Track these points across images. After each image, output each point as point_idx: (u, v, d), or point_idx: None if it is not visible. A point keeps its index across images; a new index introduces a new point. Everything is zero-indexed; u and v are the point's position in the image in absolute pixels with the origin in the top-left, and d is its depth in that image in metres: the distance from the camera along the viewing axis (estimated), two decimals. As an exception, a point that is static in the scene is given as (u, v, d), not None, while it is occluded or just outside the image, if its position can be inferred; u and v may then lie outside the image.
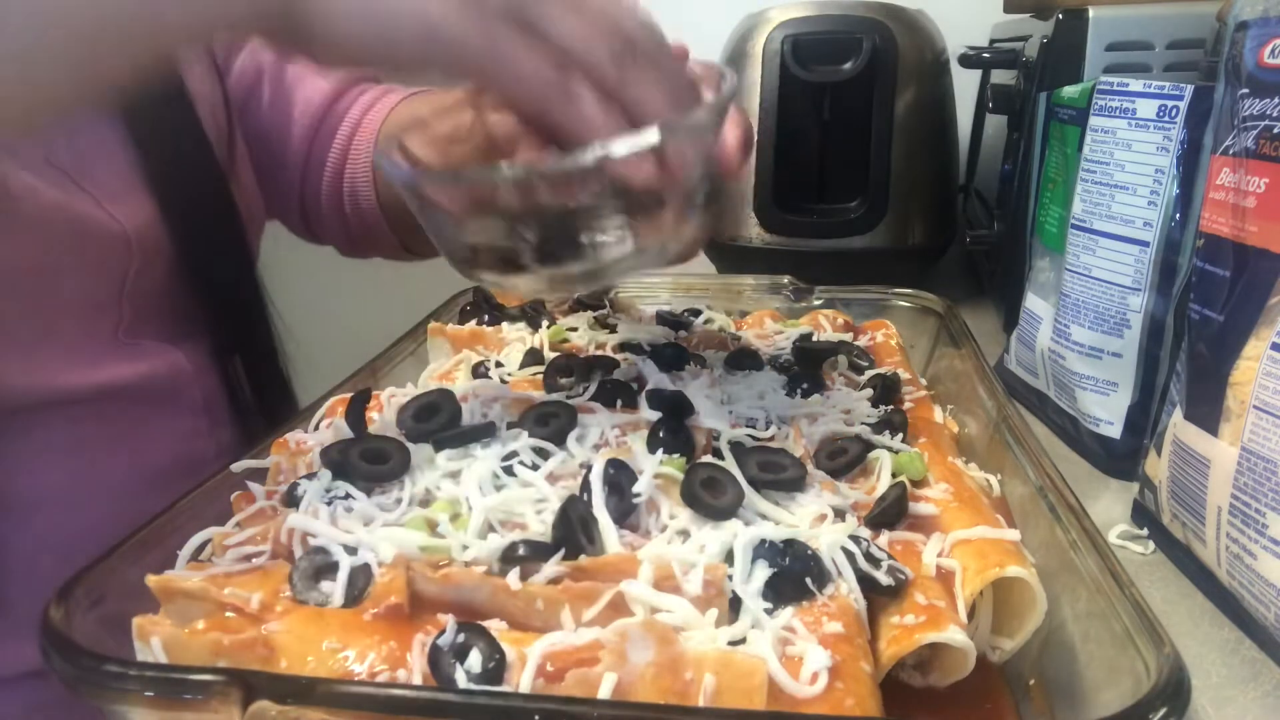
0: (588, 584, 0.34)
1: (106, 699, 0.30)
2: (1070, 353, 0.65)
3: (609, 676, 0.30)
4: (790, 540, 0.36)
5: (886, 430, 0.48)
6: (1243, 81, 0.46)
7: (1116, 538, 0.55)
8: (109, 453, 0.59)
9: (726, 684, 0.30)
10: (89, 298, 0.57)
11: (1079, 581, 0.36)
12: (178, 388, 0.63)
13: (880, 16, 0.93)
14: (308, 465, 0.45)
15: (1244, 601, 0.45)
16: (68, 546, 0.39)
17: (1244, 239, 0.46)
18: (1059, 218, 0.68)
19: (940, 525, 0.41)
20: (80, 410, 0.57)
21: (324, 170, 0.74)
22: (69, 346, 0.56)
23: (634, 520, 0.39)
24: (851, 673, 0.32)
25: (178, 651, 0.33)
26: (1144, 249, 0.60)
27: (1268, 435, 0.43)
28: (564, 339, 0.62)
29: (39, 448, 0.56)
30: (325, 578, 0.36)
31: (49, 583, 0.34)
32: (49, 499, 0.56)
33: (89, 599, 0.34)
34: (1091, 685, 0.34)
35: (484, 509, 0.39)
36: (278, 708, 0.28)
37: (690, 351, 0.59)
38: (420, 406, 0.47)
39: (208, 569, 0.37)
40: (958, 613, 0.36)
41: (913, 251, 0.98)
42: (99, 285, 0.57)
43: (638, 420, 0.47)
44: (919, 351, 0.68)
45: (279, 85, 0.72)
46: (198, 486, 0.42)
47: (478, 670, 0.31)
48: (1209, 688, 0.43)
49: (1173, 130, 0.58)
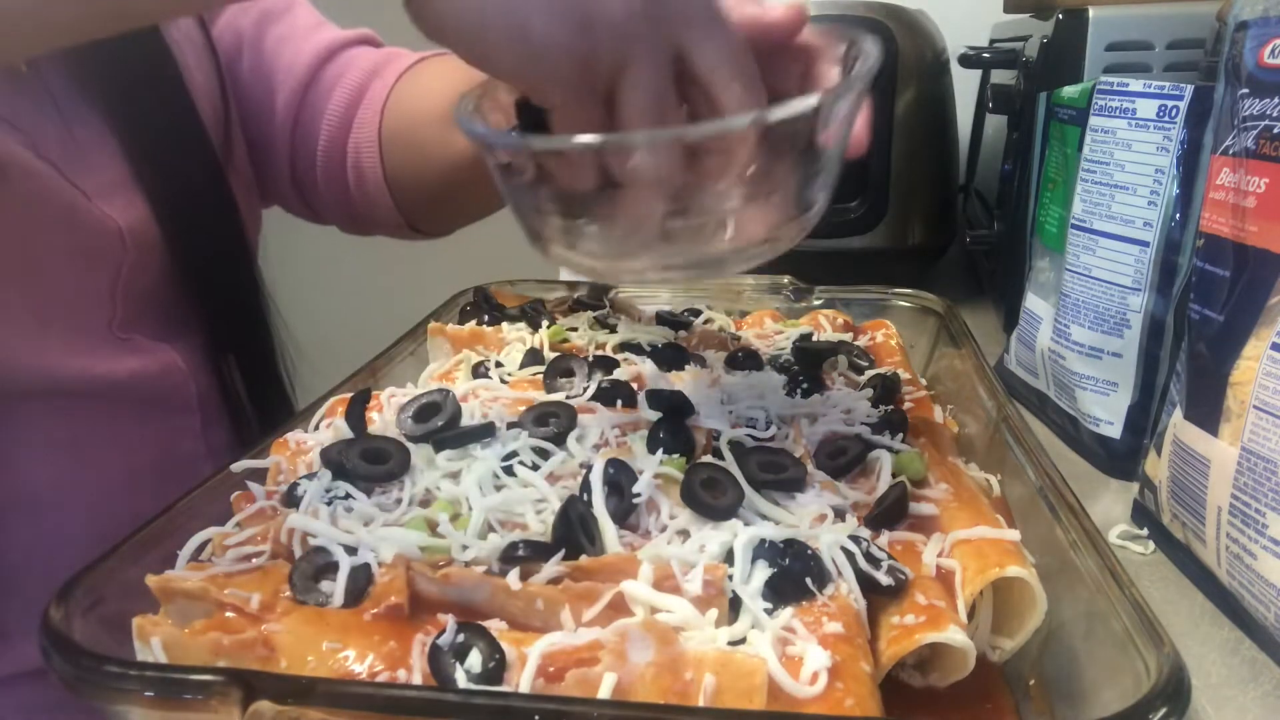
0: (588, 584, 0.34)
1: (106, 699, 0.30)
2: (1070, 353, 0.65)
3: (609, 676, 0.30)
4: (790, 540, 0.36)
5: (886, 430, 0.48)
6: (1243, 81, 0.46)
7: (1116, 538, 0.55)
8: (99, 449, 0.59)
9: (726, 684, 0.30)
10: (81, 289, 0.57)
11: (1079, 581, 0.36)
12: (171, 385, 0.62)
13: (880, 16, 0.93)
14: (308, 465, 0.45)
15: (1244, 601, 0.45)
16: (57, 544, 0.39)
17: (1244, 239, 0.46)
18: (1059, 218, 0.68)
19: (940, 525, 0.41)
20: (72, 403, 0.57)
21: (318, 140, 0.71)
22: (62, 337, 0.56)
23: (634, 520, 0.39)
24: (851, 673, 0.32)
25: (178, 651, 0.33)
26: (1144, 249, 0.60)
27: (1268, 435, 0.43)
28: (564, 339, 0.62)
29: (30, 442, 0.56)
30: (325, 578, 0.36)
31: (38, 581, 0.34)
32: (39, 496, 0.56)
33: (89, 599, 0.34)
34: (1091, 685, 0.34)
35: (484, 509, 0.39)
36: (278, 708, 0.28)
37: (690, 351, 0.59)
38: (420, 406, 0.47)
39: (208, 569, 0.37)
40: (958, 613, 0.36)
41: (913, 251, 0.98)
42: (91, 278, 0.57)
43: (638, 420, 0.47)
44: (919, 351, 0.68)
45: (258, 52, 0.69)
46: (198, 486, 0.42)
47: (478, 670, 0.31)
48: (1209, 688, 0.43)
49: (1173, 130, 0.58)
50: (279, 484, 0.44)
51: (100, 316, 0.58)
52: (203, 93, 0.64)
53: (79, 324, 0.57)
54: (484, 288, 0.72)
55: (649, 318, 0.68)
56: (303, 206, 0.77)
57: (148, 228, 0.58)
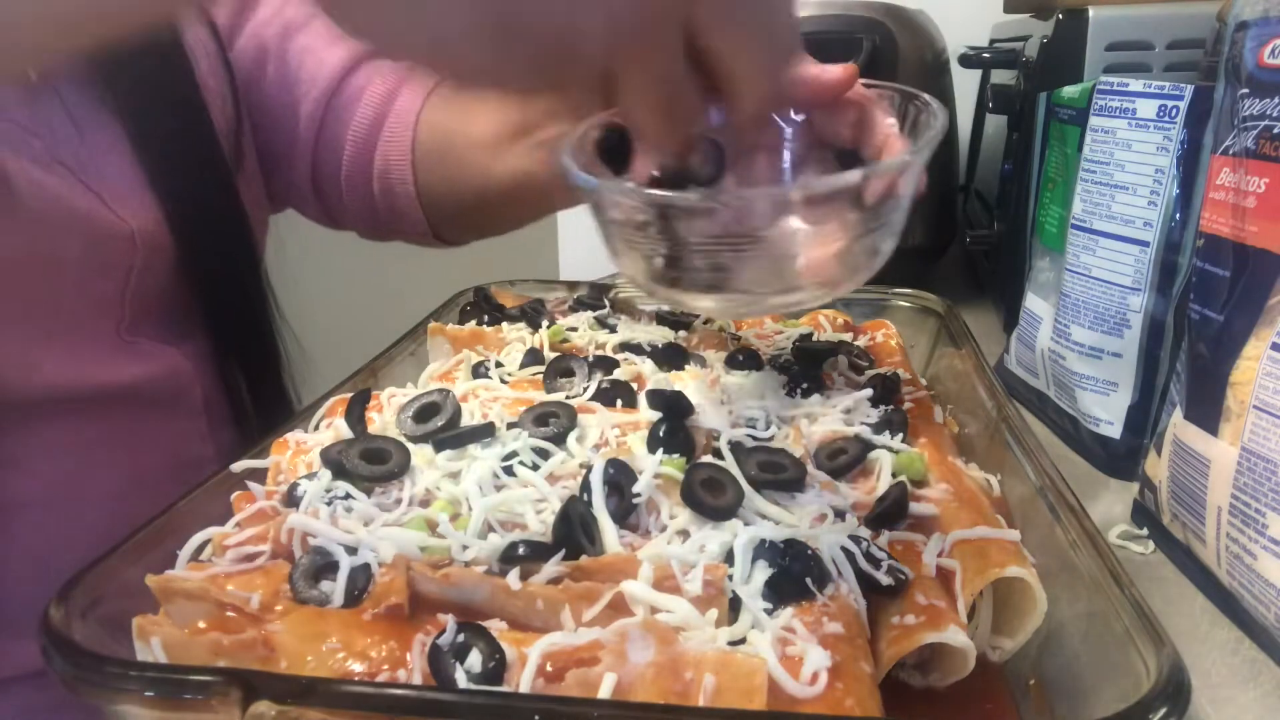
0: (587, 584, 0.34)
1: (106, 699, 0.30)
2: (1070, 353, 0.65)
3: (609, 676, 0.30)
4: (790, 540, 0.36)
5: (886, 430, 0.48)
6: (1243, 81, 0.46)
7: (1116, 538, 0.55)
8: (108, 454, 0.59)
9: (726, 684, 0.30)
10: (91, 294, 0.57)
11: (1079, 581, 0.36)
12: (178, 389, 0.63)
13: (880, 16, 0.93)
14: (308, 465, 0.45)
15: (1244, 601, 0.45)
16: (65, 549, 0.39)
17: (1244, 239, 0.46)
18: (1059, 218, 0.68)
19: (940, 525, 0.40)
20: (80, 410, 0.57)
21: (343, 150, 0.71)
22: (70, 344, 0.56)
23: (634, 520, 0.39)
24: (851, 673, 0.32)
25: (178, 651, 0.33)
26: (1144, 249, 0.60)
27: (1268, 435, 0.43)
28: (564, 339, 0.62)
29: (39, 449, 0.56)
30: (325, 578, 0.36)
31: (45, 585, 0.34)
32: (47, 501, 0.56)
33: (89, 599, 0.34)
34: (1091, 685, 0.34)
35: (484, 509, 0.39)
36: (278, 708, 0.28)
37: (690, 351, 0.59)
38: (420, 406, 0.47)
39: (208, 569, 0.37)
40: (958, 613, 0.36)
41: (913, 251, 0.98)
42: (102, 282, 0.57)
43: (638, 420, 0.47)
44: (919, 351, 0.68)
45: (282, 63, 0.69)
46: (198, 486, 0.42)
47: (478, 670, 0.31)
48: (1209, 688, 0.43)
49: (1173, 130, 0.58)
50: (279, 484, 0.44)
51: (109, 321, 0.58)
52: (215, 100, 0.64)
53: (88, 330, 0.57)
54: (484, 288, 0.72)
55: (649, 317, 0.68)
56: (322, 214, 0.77)
57: (159, 230, 0.58)
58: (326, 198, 0.74)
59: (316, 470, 0.43)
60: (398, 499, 0.41)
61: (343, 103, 0.70)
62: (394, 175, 0.70)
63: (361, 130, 0.70)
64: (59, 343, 0.56)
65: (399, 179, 0.70)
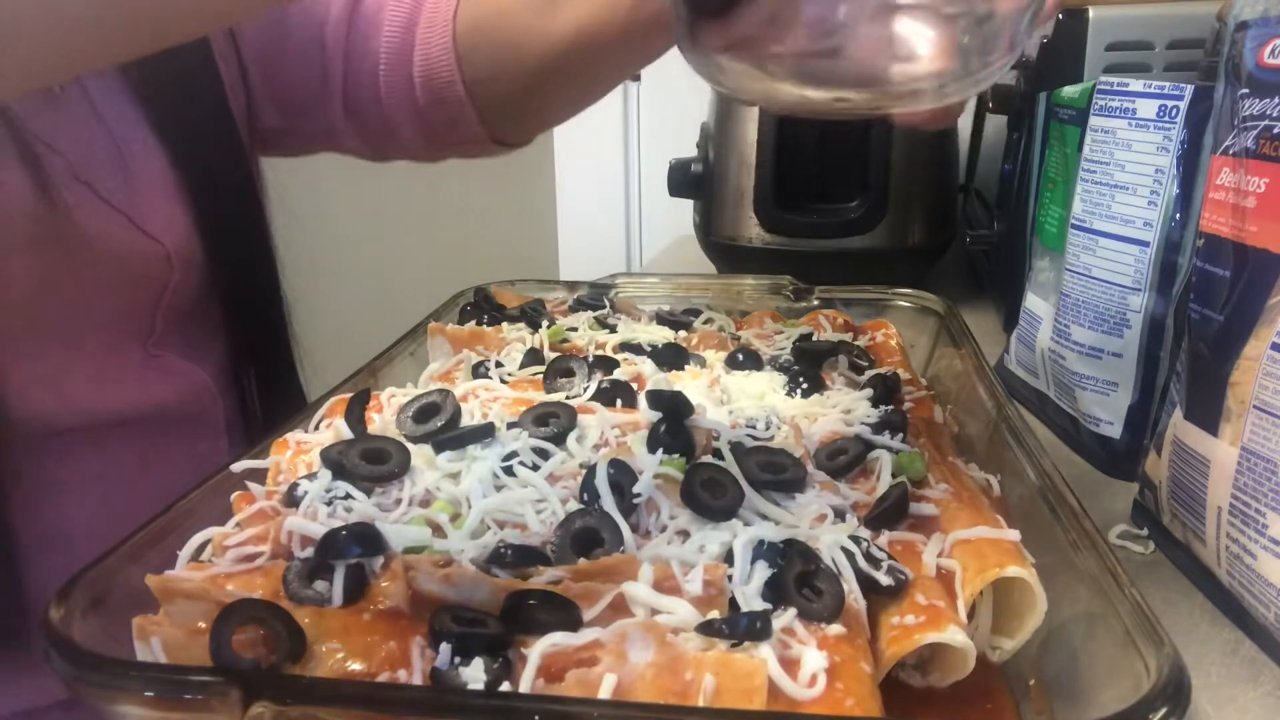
0: (587, 584, 0.34)
1: (106, 699, 0.30)
2: (1070, 353, 0.65)
3: (609, 677, 0.30)
4: (790, 540, 0.36)
5: (886, 430, 0.48)
6: (1243, 81, 0.46)
7: (1116, 538, 0.55)
8: (133, 481, 0.58)
9: (726, 684, 0.30)
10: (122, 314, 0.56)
11: (1079, 581, 0.36)
12: (201, 408, 0.62)
13: (880, 16, 0.93)
14: (308, 465, 0.45)
15: (1244, 601, 0.45)
16: None
17: (1244, 239, 0.46)
18: (1059, 218, 0.68)
19: (940, 525, 0.41)
20: (106, 436, 0.56)
21: (378, 59, 0.65)
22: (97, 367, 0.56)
23: (634, 520, 0.39)
24: (851, 673, 0.32)
25: (178, 651, 0.33)
26: (1144, 249, 0.60)
27: (1268, 435, 0.43)
28: (564, 339, 0.62)
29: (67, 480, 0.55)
30: (320, 577, 0.36)
31: None
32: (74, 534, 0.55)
33: (89, 599, 0.34)
34: (1091, 685, 0.34)
35: (483, 510, 0.39)
36: (277, 708, 0.28)
37: (690, 351, 0.59)
38: (420, 407, 0.47)
39: (208, 569, 0.37)
40: (958, 613, 0.36)
41: (913, 251, 0.98)
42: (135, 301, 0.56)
43: (638, 420, 0.47)
44: (919, 351, 0.68)
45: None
46: (198, 486, 0.42)
47: (480, 684, 0.31)
48: (1209, 688, 0.43)
49: (1173, 130, 0.58)
50: (279, 484, 0.44)
51: (138, 337, 0.58)
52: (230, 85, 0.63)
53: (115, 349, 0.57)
54: (484, 288, 0.72)
55: (649, 317, 0.69)
56: (364, 145, 0.72)
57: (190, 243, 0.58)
58: (366, 123, 0.69)
59: (316, 470, 0.43)
60: (398, 499, 0.41)
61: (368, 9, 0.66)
62: (439, 75, 0.65)
63: (396, 31, 0.65)
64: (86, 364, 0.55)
65: (445, 76, 0.65)
